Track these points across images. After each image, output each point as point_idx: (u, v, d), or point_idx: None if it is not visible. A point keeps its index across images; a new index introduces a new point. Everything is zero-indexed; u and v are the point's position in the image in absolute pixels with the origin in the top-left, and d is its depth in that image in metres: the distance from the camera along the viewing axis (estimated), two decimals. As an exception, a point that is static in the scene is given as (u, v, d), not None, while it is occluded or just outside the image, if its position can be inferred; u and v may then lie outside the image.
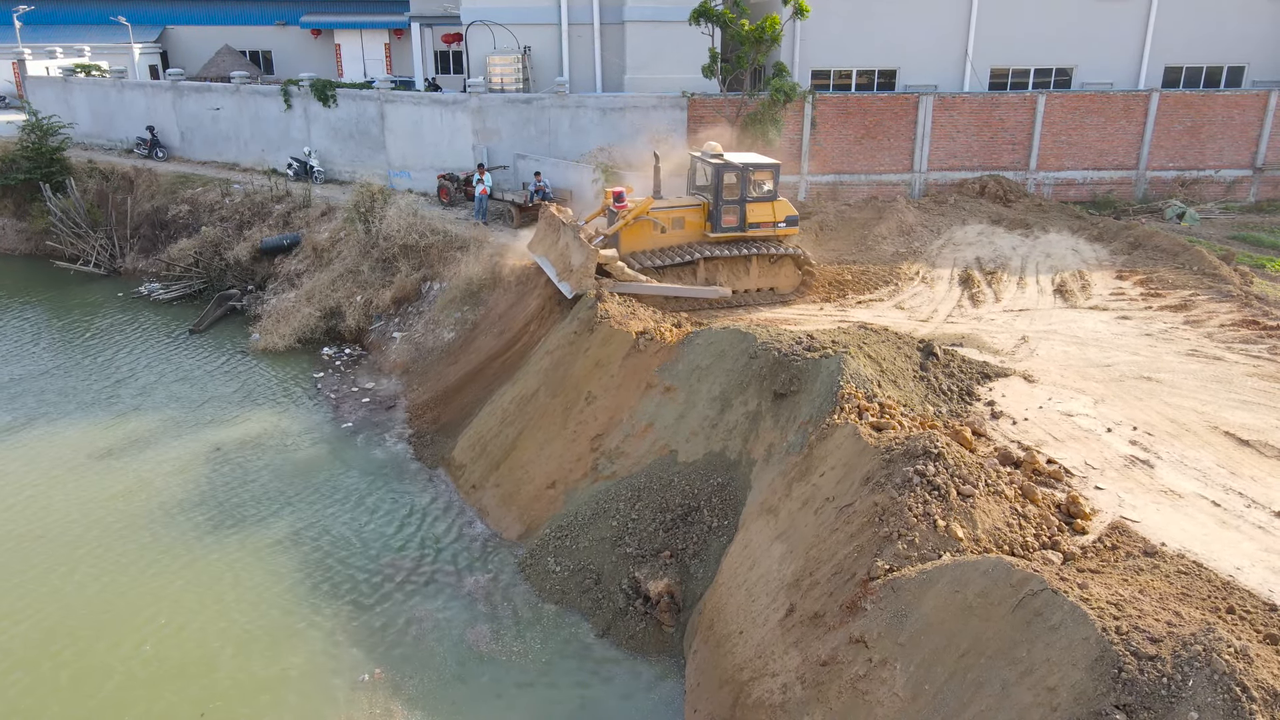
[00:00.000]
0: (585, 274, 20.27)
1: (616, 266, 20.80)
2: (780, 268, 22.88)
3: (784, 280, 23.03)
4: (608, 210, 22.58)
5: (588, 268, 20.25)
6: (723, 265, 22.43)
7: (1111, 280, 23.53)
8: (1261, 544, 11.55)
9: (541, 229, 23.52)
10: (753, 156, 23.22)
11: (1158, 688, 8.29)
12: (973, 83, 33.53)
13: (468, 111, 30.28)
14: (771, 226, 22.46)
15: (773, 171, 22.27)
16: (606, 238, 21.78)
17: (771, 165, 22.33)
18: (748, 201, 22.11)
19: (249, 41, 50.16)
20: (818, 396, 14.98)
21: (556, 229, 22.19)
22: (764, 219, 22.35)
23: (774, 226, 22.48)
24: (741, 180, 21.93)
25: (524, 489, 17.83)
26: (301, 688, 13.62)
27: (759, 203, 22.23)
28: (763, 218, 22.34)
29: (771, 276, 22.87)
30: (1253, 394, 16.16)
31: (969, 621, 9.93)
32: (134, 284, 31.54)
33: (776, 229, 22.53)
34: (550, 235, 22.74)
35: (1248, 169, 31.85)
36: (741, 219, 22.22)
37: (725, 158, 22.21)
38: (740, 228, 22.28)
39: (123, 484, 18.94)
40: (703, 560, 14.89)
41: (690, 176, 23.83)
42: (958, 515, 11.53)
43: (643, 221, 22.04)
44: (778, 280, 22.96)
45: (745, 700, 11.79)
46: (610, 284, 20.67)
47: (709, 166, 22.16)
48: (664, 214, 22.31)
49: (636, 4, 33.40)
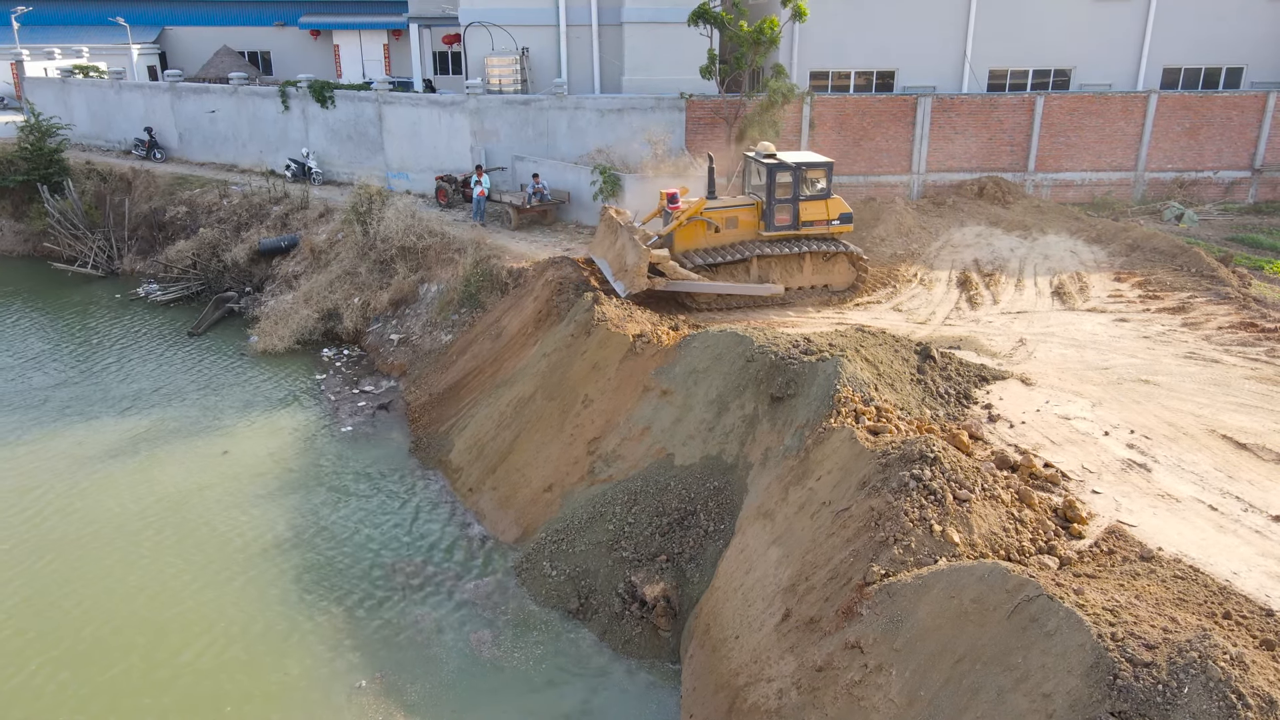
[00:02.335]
0: (638, 273, 20.76)
1: (669, 265, 21.17)
2: (834, 264, 22.95)
3: (838, 277, 23.08)
4: (663, 211, 23.02)
5: (640, 267, 20.73)
6: (775, 263, 22.58)
7: (1110, 282, 23.51)
8: (1258, 548, 11.53)
9: (601, 230, 23.97)
10: (807, 155, 23.48)
11: (1153, 694, 8.26)
12: (971, 84, 33.50)
13: (466, 113, 30.25)
14: (825, 224, 22.62)
15: (826, 169, 22.49)
16: (660, 238, 22.23)
17: (825, 163, 22.55)
18: (801, 200, 22.32)
19: (248, 42, 50.11)
20: (814, 400, 14.95)
21: (614, 230, 22.60)
22: (818, 217, 22.54)
23: (828, 224, 22.64)
24: (795, 179, 22.10)
25: (521, 492, 17.81)
26: (301, 692, 13.60)
27: (812, 200, 22.43)
28: (816, 215, 22.53)
29: (825, 273, 22.95)
30: (1250, 397, 16.14)
31: (964, 627, 9.91)
32: (132, 285, 31.49)
33: (830, 226, 22.67)
34: (608, 236, 23.14)
35: (1246, 170, 31.82)
36: (795, 217, 22.44)
37: (778, 157, 22.47)
38: (794, 226, 22.49)
39: (120, 486, 18.90)
40: (699, 564, 14.86)
41: (745, 176, 24.02)
42: (954, 520, 11.51)
43: (696, 221, 22.41)
44: (832, 277, 23.02)
45: (741, 705, 11.77)
46: (663, 283, 21.10)
47: (762, 166, 22.36)
48: (718, 214, 22.61)
49: (635, 5, 33.38)
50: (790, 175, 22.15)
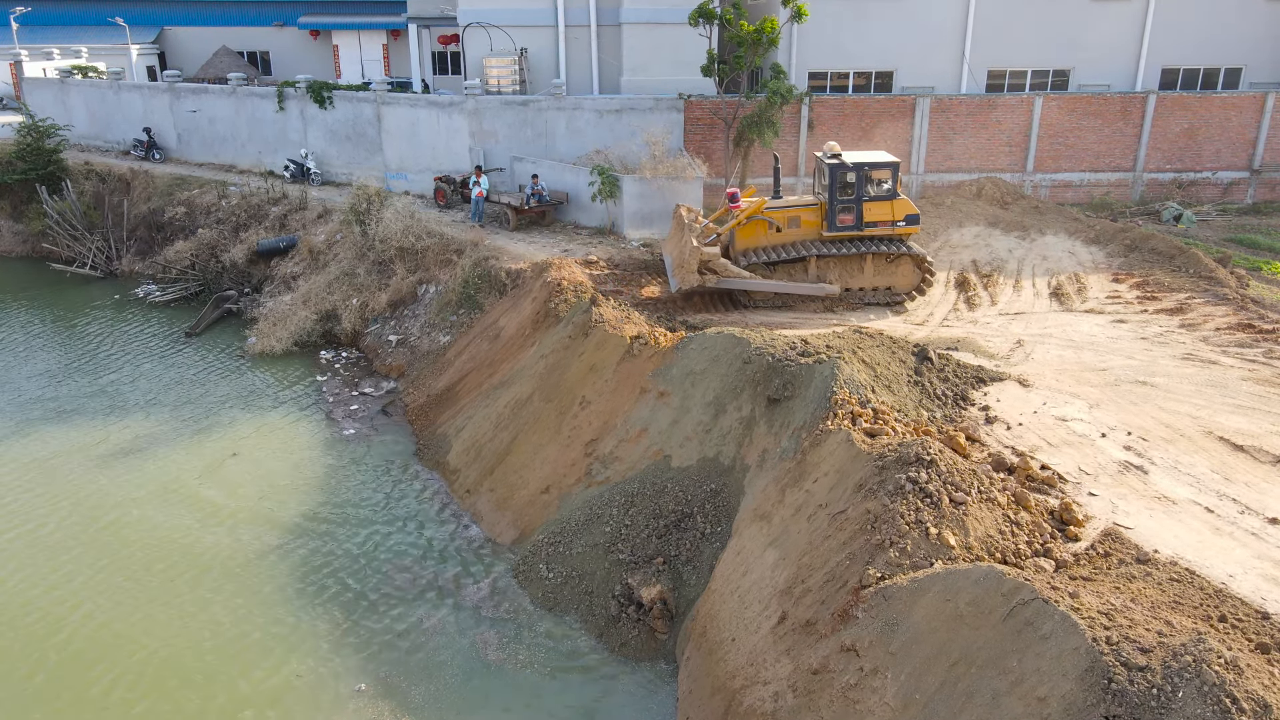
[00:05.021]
0: (688, 271, 21.05)
1: (720, 264, 21.32)
2: (897, 267, 22.52)
3: (901, 279, 22.65)
4: (729, 211, 23.08)
5: (690, 264, 20.99)
6: (835, 263, 22.39)
7: (1108, 283, 23.51)
8: (1254, 551, 11.53)
9: (672, 227, 24.14)
10: (873, 155, 23.10)
11: (1147, 699, 8.26)
12: (970, 84, 33.50)
13: (464, 113, 30.25)
14: (890, 225, 22.27)
15: (892, 170, 22.16)
16: (719, 236, 22.36)
17: (891, 164, 22.22)
18: (865, 200, 22.06)
19: (247, 42, 50.08)
20: (811, 402, 14.95)
21: (682, 227, 22.66)
22: (882, 218, 22.20)
23: (892, 225, 22.29)
24: (859, 179, 21.91)
25: (518, 494, 17.80)
26: (301, 695, 13.59)
27: (877, 201, 22.12)
28: (881, 216, 22.19)
29: (888, 275, 22.57)
30: (1248, 398, 16.14)
31: (960, 630, 9.91)
32: (130, 286, 31.48)
33: (895, 228, 22.32)
34: (677, 233, 23.26)
35: (1245, 171, 31.82)
36: (858, 218, 22.16)
37: (842, 157, 22.21)
38: (857, 226, 22.21)
39: (117, 488, 18.90)
40: (696, 567, 14.86)
41: (815, 176, 23.75)
42: (950, 523, 11.50)
43: (757, 221, 22.43)
44: (894, 279, 22.61)
45: (737, 708, 11.77)
46: (714, 280, 21.30)
47: (825, 167, 22.20)
48: (779, 213, 22.59)
49: (633, 6, 33.37)
50: (854, 175, 21.89)
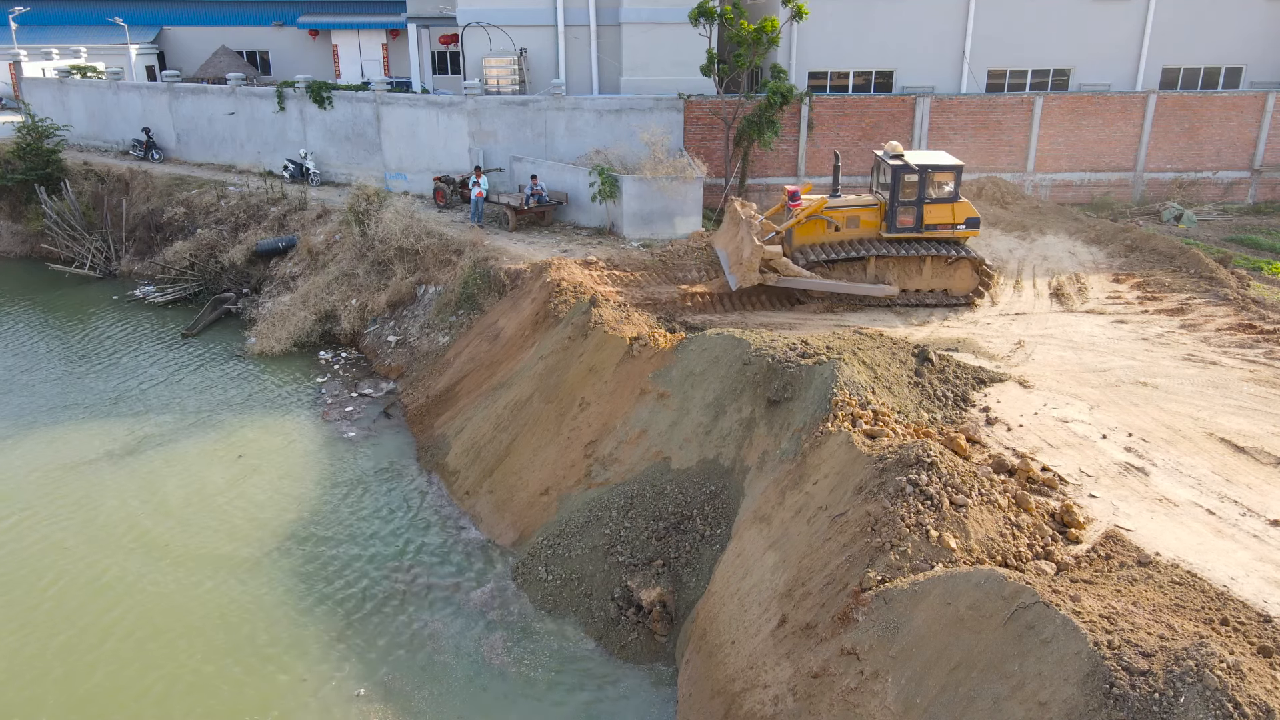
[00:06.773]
0: (749, 268, 21.09)
1: (782, 262, 21.36)
2: (956, 270, 22.38)
3: (959, 282, 22.50)
4: (786, 208, 23.08)
5: (752, 262, 21.02)
6: (894, 264, 22.31)
7: (1108, 283, 23.46)
8: (1256, 553, 11.48)
9: (725, 223, 24.09)
10: (935, 156, 22.98)
11: (1149, 704, 8.22)
12: (970, 84, 33.44)
13: (464, 113, 30.19)
14: (950, 228, 22.22)
15: (955, 172, 22.07)
16: (778, 234, 22.37)
17: (954, 166, 22.12)
18: (925, 202, 21.99)
19: (246, 42, 50.01)
20: (811, 403, 14.90)
21: (737, 223, 22.64)
22: (942, 220, 22.18)
23: (953, 228, 22.22)
24: (920, 180, 21.85)
25: (517, 495, 17.75)
26: (301, 698, 13.55)
27: (938, 204, 22.06)
28: (941, 219, 22.17)
29: (946, 278, 22.46)
30: (1249, 399, 16.10)
31: (961, 634, 9.86)
32: (129, 286, 31.43)
33: (955, 230, 22.25)
34: (731, 229, 23.25)
35: (1245, 171, 31.77)
36: (918, 219, 22.12)
37: (905, 158, 22.12)
38: (917, 228, 22.17)
39: (114, 491, 18.86)
40: (695, 569, 14.82)
41: (874, 175, 23.72)
42: (950, 525, 11.46)
43: (816, 219, 22.45)
44: (953, 282, 22.50)
45: (737, 711, 11.72)
46: (774, 278, 21.33)
47: (887, 167, 22.14)
48: (839, 213, 22.56)
49: (633, 5, 33.31)
50: (915, 176, 21.82)
